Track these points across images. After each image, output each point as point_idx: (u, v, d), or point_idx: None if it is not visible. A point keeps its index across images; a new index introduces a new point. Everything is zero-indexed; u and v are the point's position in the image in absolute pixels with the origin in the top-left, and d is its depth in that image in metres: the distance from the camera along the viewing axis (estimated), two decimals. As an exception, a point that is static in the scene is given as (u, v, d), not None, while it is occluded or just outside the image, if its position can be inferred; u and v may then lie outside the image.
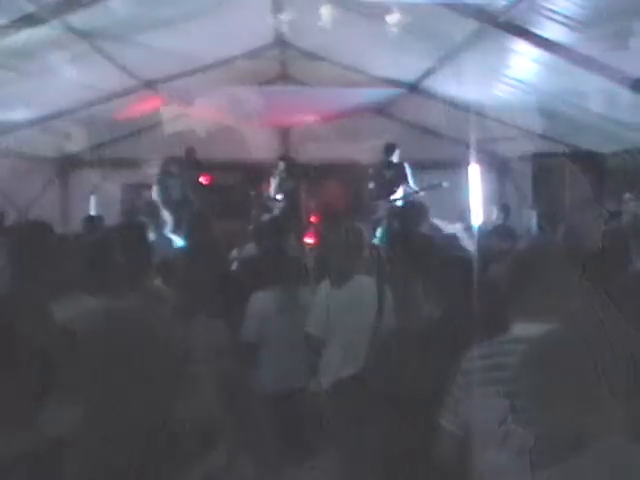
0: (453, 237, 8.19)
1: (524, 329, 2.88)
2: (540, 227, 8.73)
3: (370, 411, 3.98)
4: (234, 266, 7.37)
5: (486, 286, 5.37)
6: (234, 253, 7.99)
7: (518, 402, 2.46)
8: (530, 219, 9.20)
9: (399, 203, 11.76)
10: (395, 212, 11.28)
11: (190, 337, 3.91)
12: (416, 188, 11.93)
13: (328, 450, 4.92)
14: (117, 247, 3.85)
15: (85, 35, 8.24)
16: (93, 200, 13.53)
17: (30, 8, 7.06)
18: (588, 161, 8.97)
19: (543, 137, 10.85)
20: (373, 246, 7.11)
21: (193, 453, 3.26)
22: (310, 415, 5.08)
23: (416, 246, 6.03)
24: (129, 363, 3.14)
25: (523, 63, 8.34)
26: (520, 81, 8.94)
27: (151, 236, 8.75)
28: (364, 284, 5.30)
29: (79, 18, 7.64)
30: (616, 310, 2.97)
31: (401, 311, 4.92)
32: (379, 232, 10.61)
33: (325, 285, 5.45)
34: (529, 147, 10.44)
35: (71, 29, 7.85)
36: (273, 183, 12.94)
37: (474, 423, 2.91)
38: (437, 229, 9.05)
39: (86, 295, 3.87)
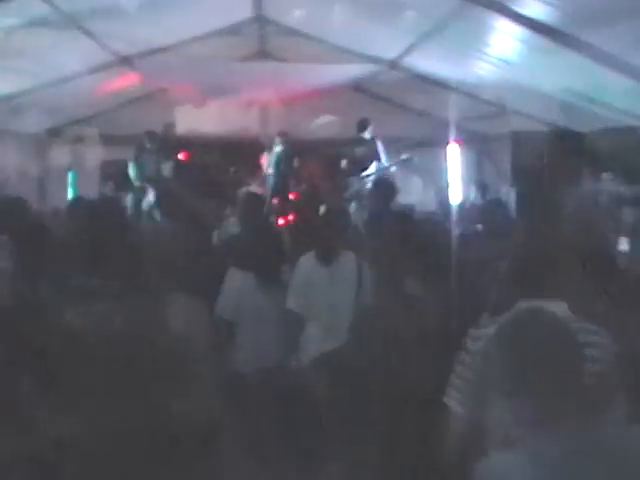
0: (431, 214, 8.23)
1: (532, 307, 2.89)
2: (519, 206, 8.76)
3: (352, 388, 3.99)
4: (213, 243, 7.36)
5: (465, 264, 5.43)
6: (213, 230, 7.97)
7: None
8: (508, 197, 9.22)
9: (370, 180, 11.79)
10: (365, 190, 11.35)
11: (167, 315, 3.91)
12: (388, 164, 11.96)
13: (310, 430, 4.92)
14: (93, 225, 3.80)
15: (62, 10, 8.12)
16: (70, 176, 13.43)
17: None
18: (567, 140, 8.98)
19: (522, 115, 10.87)
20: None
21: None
22: (291, 392, 5.08)
23: (394, 224, 6.06)
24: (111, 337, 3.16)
25: (503, 40, 8.31)
26: (500, 59, 8.91)
27: (127, 212, 8.77)
28: (348, 260, 5.32)
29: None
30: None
31: (381, 287, 4.95)
32: (352, 209, 10.63)
33: (306, 261, 5.45)
34: (508, 125, 10.44)
35: (49, 3, 7.73)
36: (265, 158, 12.89)
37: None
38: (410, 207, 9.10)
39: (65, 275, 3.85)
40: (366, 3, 8.95)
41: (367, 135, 12.21)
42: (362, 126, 12.24)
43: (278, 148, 12.72)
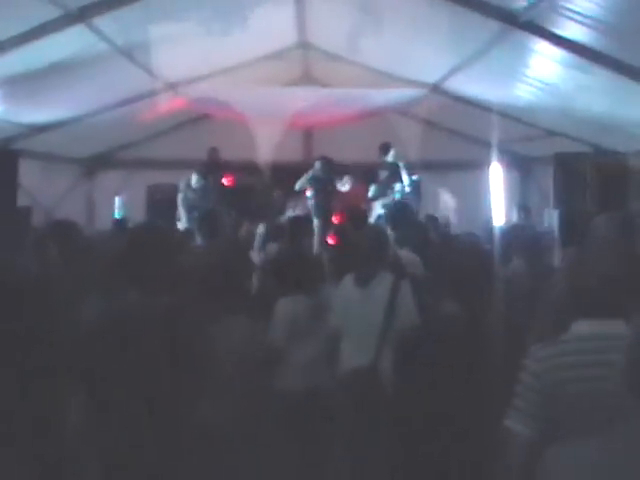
0: (473, 236, 8.23)
1: (587, 326, 2.93)
2: (562, 227, 8.71)
3: (381, 407, 4.03)
4: (258, 266, 7.43)
5: (508, 286, 5.44)
6: (257, 253, 8.06)
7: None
8: (552, 219, 9.18)
9: (389, 203, 11.86)
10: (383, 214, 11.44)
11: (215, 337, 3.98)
12: (406, 188, 12.00)
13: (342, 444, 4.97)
14: (139, 248, 3.88)
15: (110, 38, 8.33)
16: (118, 201, 13.66)
17: (56, 13, 7.16)
18: (611, 160, 8.94)
19: (565, 137, 10.84)
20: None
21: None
22: (323, 409, 5.14)
23: (434, 247, 6.11)
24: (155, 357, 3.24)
25: (544, 63, 8.33)
26: (541, 81, 8.92)
27: (175, 237, 8.90)
28: (384, 281, 5.38)
29: (104, 21, 7.72)
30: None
31: (418, 309, 5.00)
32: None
33: (347, 281, 5.53)
34: (551, 147, 10.42)
35: (97, 32, 7.94)
36: (304, 182, 12.97)
37: (564, 420, 2.90)
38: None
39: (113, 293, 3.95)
40: (408, 27, 9.03)
41: (389, 159, 12.27)
42: (384, 150, 12.31)
43: (318, 171, 12.79)
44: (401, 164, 12.21)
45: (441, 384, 3.60)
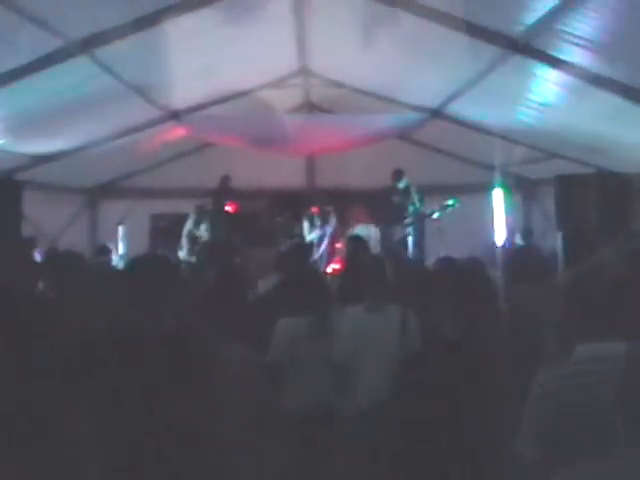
0: (476, 260, 8.22)
1: (589, 349, 2.93)
2: (566, 249, 8.72)
3: (399, 438, 4.01)
4: (261, 293, 7.42)
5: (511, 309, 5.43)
6: (262, 280, 8.05)
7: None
8: (555, 241, 9.19)
9: (406, 229, 11.97)
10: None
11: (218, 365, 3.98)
12: (426, 212, 12.08)
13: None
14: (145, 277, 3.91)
15: (112, 68, 8.40)
16: (121, 230, 13.69)
17: (58, 44, 7.23)
18: (612, 181, 8.96)
19: (566, 159, 10.88)
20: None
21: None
22: (339, 438, 5.11)
23: (434, 272, 6.11)
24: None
25: (545, 86, 8.39)
26: (542, 104, 8.97)
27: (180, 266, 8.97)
28: (393, 312, 5.36)
29: (106, 52, 7.79)
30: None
31: (422, 336, 5.00)
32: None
33: (353, 312, 5.50)
34: (553, 169, 10.45)
35: (99, 63, 8.01)
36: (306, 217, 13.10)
37: (570, 443, 2.89)
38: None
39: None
40: (409, 53, 9.09)
41: (401, 185, 12.33)
42: (397, 176, 12.37)
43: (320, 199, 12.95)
44: (413, 190, 12.28)
45: (449, 410, 3.59)
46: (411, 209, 12.23)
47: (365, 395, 5.17)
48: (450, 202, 11.94)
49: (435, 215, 12.06)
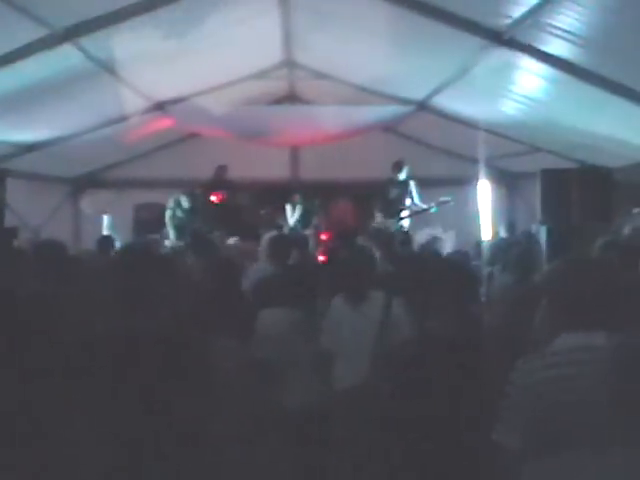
0: (463, 254, 8.26)
1: (571, 339, 2.95)
2: (549, 242, 8.76)
3: (377, 424, 4.01)
4: (246, 285, 7.40)
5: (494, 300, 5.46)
6: (247, 272, 8.03)
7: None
8: (538, 234, 9.23)
9: (402, 222, 11.98)
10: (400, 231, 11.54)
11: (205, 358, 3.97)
12: (423, 206, 12.11)
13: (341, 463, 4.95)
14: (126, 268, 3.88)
15: (97, 57, 8.35)
16: (105, 220, 13.65)
17: (43, 32, 7.18)
18: (595, 176, 9.00)
19: (550, 152, 10.92)
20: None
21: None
22: (320, 429, 5.12)
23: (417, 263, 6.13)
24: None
25: (529, 79, 8.41)
26: (526, 97, 9.00)
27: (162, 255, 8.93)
28: (376, 300, 5.37)
29: (91, 41, 7.74)
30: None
31: (407, 325, 5.01)
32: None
33: (338, 301, 5.52)
34: (537, 163, 10.48)
35: (83, 52, 7.96)
36: (289, 203, 13.11)
37: (551, 433, 2.90)
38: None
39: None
40: (393, 44, 9.08)
41: (402, 176, 12.33)
42: (398, 167, 12.34)
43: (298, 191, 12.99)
44: (412, 182, 12.31)
45: (434, 397, 3.60)
46: (408, 202, 12.27)
47: (346, 380, 5.18)
48: (447, 198, 12.00)
49: (432, 210, 12.11)
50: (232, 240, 11.33)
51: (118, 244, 10.10)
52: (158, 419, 3.20)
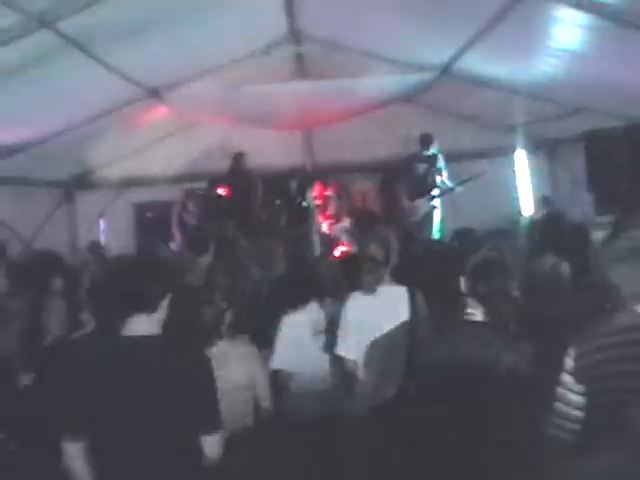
0: (497, 232, 8.12)
1: (633, 317, 2.91)
2: (599, 213, 8.60)
3: (415, 437, 4.00)
4: (263, 283, 7.36)
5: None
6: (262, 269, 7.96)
7: None
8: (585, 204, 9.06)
9: (434, 202, 11.86)
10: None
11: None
12: (451, 183, 11.98)
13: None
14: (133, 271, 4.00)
15: (80, 42, 8.20)
16: (102, 223, 13.60)
17: (16, 18, 7.03)
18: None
19: (595, 112, 10.68)
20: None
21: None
22: (347, 442, 5.05)
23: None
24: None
25: (564, 30, 8.18)
26: (562, 51, 8.77)
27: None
28: (396, 294, 5.24)
29: (71, 25, 7.59)
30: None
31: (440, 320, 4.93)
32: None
33: (354, 299, 5.38)
34: (580, 125, 10.27)
35: (63, 36, 7.81)
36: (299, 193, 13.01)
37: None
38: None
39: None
40: (409, 3, 8.91)
41: (430, 151, 12.19)
42: (426, 141, 12.21)
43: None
44: (440, 156, 12.19)
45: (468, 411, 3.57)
46: (438, 180, 12.14)
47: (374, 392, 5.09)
48: (483, 169, 11.87)
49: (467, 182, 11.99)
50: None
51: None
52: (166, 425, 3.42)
